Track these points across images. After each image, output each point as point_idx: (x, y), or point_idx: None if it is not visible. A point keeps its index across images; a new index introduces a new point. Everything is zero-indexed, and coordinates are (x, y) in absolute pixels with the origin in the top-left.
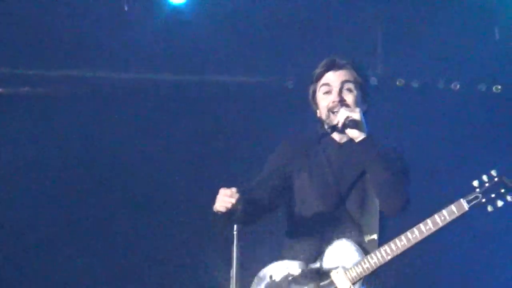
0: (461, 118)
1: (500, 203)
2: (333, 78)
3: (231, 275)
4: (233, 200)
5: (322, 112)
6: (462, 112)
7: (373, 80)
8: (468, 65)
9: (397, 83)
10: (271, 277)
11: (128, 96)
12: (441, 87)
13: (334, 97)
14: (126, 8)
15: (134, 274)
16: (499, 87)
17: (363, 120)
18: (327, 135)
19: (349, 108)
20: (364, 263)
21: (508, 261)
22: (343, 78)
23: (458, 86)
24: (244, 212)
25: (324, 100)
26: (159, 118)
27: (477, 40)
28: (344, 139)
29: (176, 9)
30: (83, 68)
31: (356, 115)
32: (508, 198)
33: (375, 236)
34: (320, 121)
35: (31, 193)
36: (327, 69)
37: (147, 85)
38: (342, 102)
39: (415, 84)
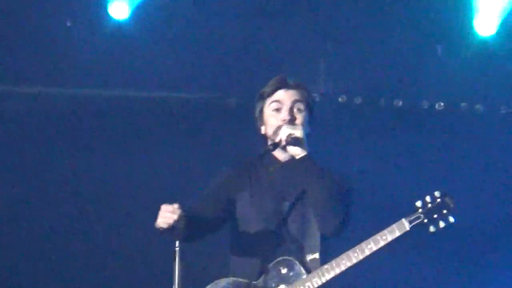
0: (403, 135)
1: (442, 224)
2: (285, 96)
3: None
4: (175, 217)
5: (269, 129)
6: (404, 129)
7: (315, 97)
8: (411, 82)
9: (340, 99)
10: None
11: (68, 111)
12: (383, 105)
13: (284, 115)
14: (68, 24)
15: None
16: (442, 104)
17: (305, 138)
18: (269, 153)
19: (291, 126)
20: (305, 281)
21: None
22: (295, 97)
23: (400, 103)
24: (186, 229)
25: (273, 117)
26: (99, 133)
27: (419, 57)
28: (287, 158)
29: (119, 25)
30: (24, 84)
31: (299, 132)
32: (450, 219)
33: (316, 255)
34: (263, 138)
35: None
36: (279, 87)
37: (88, 101)
38: (292, 121)
39: (357, 101)
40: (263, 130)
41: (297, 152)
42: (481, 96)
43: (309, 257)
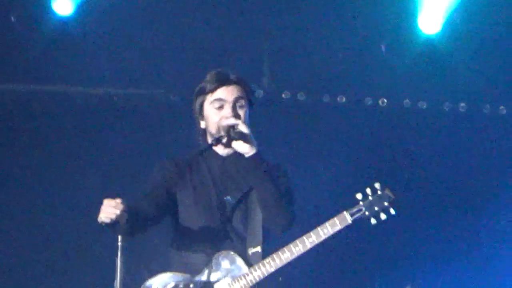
0: (347, 131)
1: (383, 216)
2: (226, 94)
3: (114, 286)
4: (118, 211)
5: (211, 126)
6: (348, 126)
7: (259, 93)
8: (355, 79)
9: (283, 95)
10: None
11: (14, 107)
12: (327, 101)
13: (227, 112)
14: (13, 19)
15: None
16: (385, 100)
17: (252, 135)
18: (210, 148)
19: (239, 120)
20: (248, 275)
21: None
22: (237, 94)
23: (344, 99)
24: (128, 223)
25: (215, 115)
26: (43, 130)
27: (363, 54)
28: (228, 152)
29: (62, 21)
30: None
31: (245, 128)
32: (391, 211)
33: (258, 249)
34: (203, 134)
35: None
36: (221, 84)
37: (33, 97)
38: (235, 118)
39: (301, 97)
40: (203, 124)
41: (246, 150)
42: (425, 93)
43: (251, 250)
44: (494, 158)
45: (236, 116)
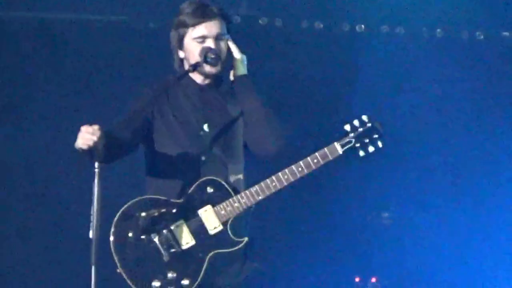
0: (325, 57)
1: (371, 149)
2: (209, 29)
3: (91, 213)
4: (95, 138)
5: (192, 59)
6: (326, 51)
7: (236, 19)
8: (332, 5)
9: (260, 22)
10: (136, 212)
11: None
12: (305, 26)
13: (210, 45)
14: None
15: None
16: (363, 26)
17: (244, 60)
18: (187, 74)
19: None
20: (234, 202)
21: None
22: (218, 28)
23: (321, 26)
24: (106, 149)
25: (197, 47)
26: (22, 56)
27: None
28: (205, 81)
29: None
30: None
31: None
32: (379, 144)
33: (240, 176)
34: (180, 62)
35: None
36: (200, 18)
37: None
38: (217, 51)
39: (278, 23)
40: (181, 54)
41: (242, 72)
42: (403, 20)
43: (233, 177)
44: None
45: (218, 50)
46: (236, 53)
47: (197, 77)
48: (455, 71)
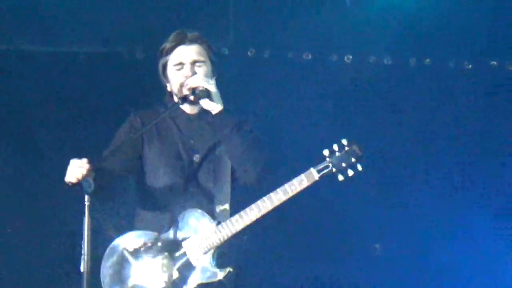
0: (312, 88)
1: (351, 173)
2: (185, 54)
3: (82, 246)
4: (84, 171)
5: (174, 87)
6: (312, 82)
7: (224, 50)
8: (319, 34)
9: (248, 53)
10: (124, 247)
11: None
12: (291, 57)
13: (186, 72)
14: None
15: None
16: (350, 57)
17: (218, 92)
18: (177, 106)
19: (204, 78)
20: (216, 233)
21: None
22: (194, 53)
23: (310, 56)
24: (95, 182)
25: (176, 76)
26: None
27: (327, 10)
28: (194, 111)
29: None
30: None
31: (212, 87)
32: (359, 167)
33: (226, 206)
34: (169, 94)
35: None
36: (177, 44)
37: None
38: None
39: (266, 54)
40: (168, 87)
41: (212, 106)
42: (390, 49)
43: (219, 208)
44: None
45: (194, 74)
46: (211, 87)
47: (185, 107)
48: (443, 100)
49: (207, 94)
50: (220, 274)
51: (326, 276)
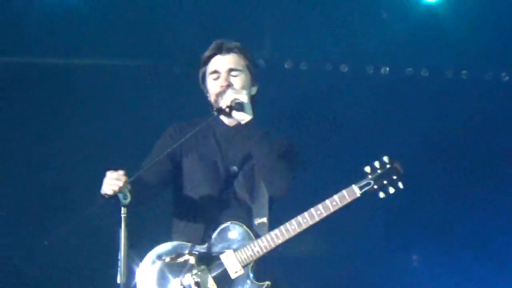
0: (350, 100)
1: (391, 190)
2: (221, 63)
3: (119, 258)
4: (120, 183)
5: (211, 97)
6: (351, 94)
7: (261, 63)
8: (356, 46)
9: (285, 65)
10: (160, 258)
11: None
12: (330, 69)
13: (221, 82)
14: None
15: None
16: (387, 69)
17: (249, 103)
18: (216, 118)
19: (236, 90)
20: (254, 246)
21: None
22: (230, 63)
23: (346, 68)
24: (132, 194)
25: (212, 86)
26: (47, 103)
27: (364, 23)
28: (234, 123)
29: None
30: None
31: (243, 97)
32: (400, 185)
33: (264, 220)
34: (210, 104)
35: None
36: (214, 54)
37: (32, 69)
38: (229, 87)
39: (303, 67)
40: (208, 97)
41: (242, 117)
42: (427, 61)
43: (257, 221)
44: (495, 124)
45: (229, 86)
46: (243, 97)
47: (224, 118)
48: (479, 111)
49: (241, 106)
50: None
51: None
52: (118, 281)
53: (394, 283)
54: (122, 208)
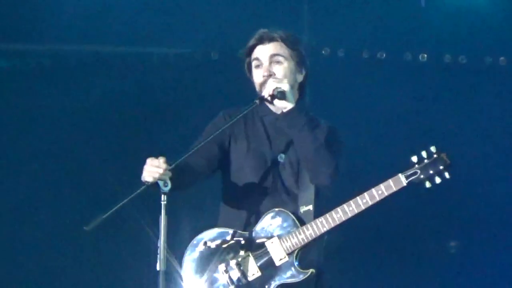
0: (387, 87)
1: (438, 180)
2: (262, 53)
3: (158, 245)
4: (161, 170)
5: (255, 86)
6: (388, 82)
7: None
8: (394, 34)
9: (323, 52)
10: (205, 244)
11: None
12: (367, 57)
13: (263, 71)
14: None
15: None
16: (425, 55)
17: (291, 91)
18: (264, 106)
19: (277, 79)
20: (300, 233)
21: None
22: (272, 52)
23: (384, 55)
24: (172, 181)
25: (255, 75)
26: (86, 91)
27: (402, 9)
28: (280, 111)
29: None
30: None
31: (284, 85)
32: (446, 175)
33: (310, 207)
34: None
35: None
36: (257, 43)
37: (70, 57)
38: (270, 76)
39: (341, 54)
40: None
41: (284, 105)
42: (465, 48)
43: (303, 208)
44: None
45: (271, 75)
46: (284, 86)
47: (272, 106)
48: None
49: (283, 94)
50: (302, 275)
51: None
52: (158, 268)
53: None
54: (162, 196)
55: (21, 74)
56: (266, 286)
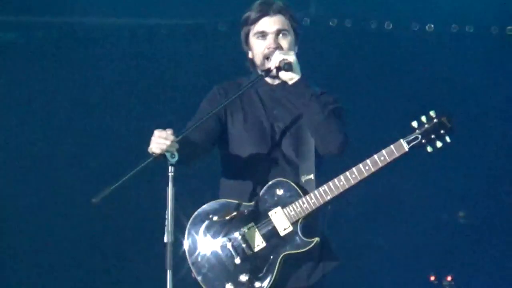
0: (394, 57)
1: (439, 144)
2: (268, 24)
3: (166, 217)
4: (168, 142)
5: (256, 57)
6: (395, 51)
7: (306, 21)
8: (401, 3)
9: (330, 23)
10: (208, 216)
11: (60, 40)
12: (374, 27)
13: (269, 43)
14: None
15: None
16: (432, 26)
17: (297, 62)
18: (260, 79)
19: (284, 51)
20: (303, 202)
21: None
22: (279, 24)
23: (391, 26)
24: (179, 153)
25: (259, 46)
26: (93, 63)
27: None
28: (276, 81)
29: None
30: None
31: (291, 57)
32: (447, 139)
33: (312, 176)
34: (251, 62)
35: None
36: (262, 15)
37: (77, 29)
38: (277, 49)
39: (348, 24)
40: (250, 55)
41: (291, 76)
42: (471, 18)
43: (304, 178)
44: None
45: (278, 47)
46: (291, 57)
47: (268, 78)
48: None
49: (290, 66)
50: (307, 245)
51: (411, 244)
52: (165, 240)
53: None
54: (170, 167)
55: (27, 46)
56: (272, 257)
